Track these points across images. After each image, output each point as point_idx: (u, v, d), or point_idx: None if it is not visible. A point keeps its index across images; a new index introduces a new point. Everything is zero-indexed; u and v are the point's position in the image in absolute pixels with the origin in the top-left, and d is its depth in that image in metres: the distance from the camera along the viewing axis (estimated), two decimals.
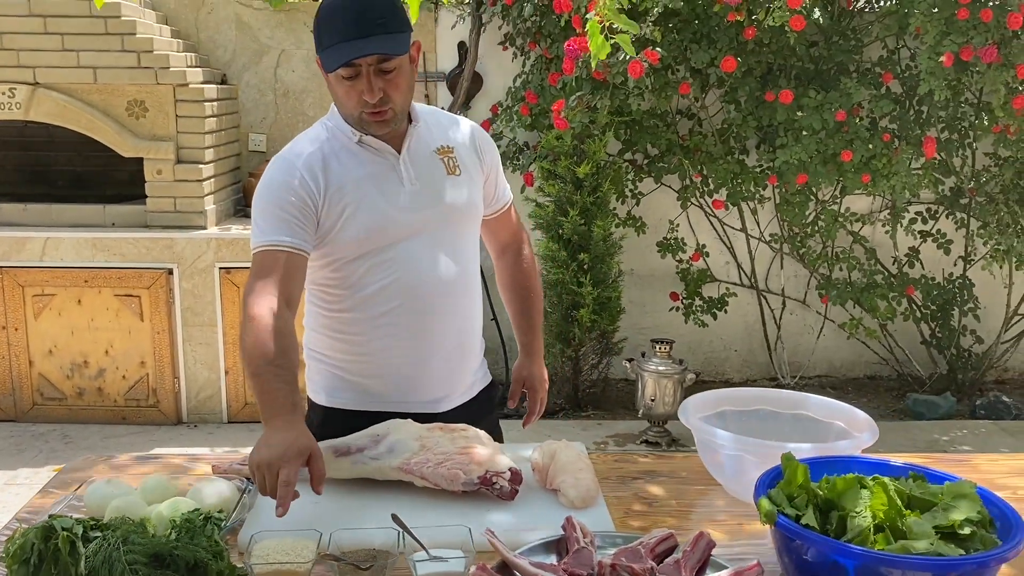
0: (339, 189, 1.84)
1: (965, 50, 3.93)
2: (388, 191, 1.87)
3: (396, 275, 1.88)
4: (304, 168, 1.84)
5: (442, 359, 1.96)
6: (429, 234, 1.90)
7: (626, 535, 1.53)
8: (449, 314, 1.95)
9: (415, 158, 1.91)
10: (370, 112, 1.80)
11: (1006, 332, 5.03)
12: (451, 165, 1.95)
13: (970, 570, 1.27)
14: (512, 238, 2.23)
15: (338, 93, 1.82)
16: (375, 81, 1.76)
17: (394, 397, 1.95)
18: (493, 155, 2.07)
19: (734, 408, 1.89)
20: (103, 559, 1.33)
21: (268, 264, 1.79)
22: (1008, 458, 1.97)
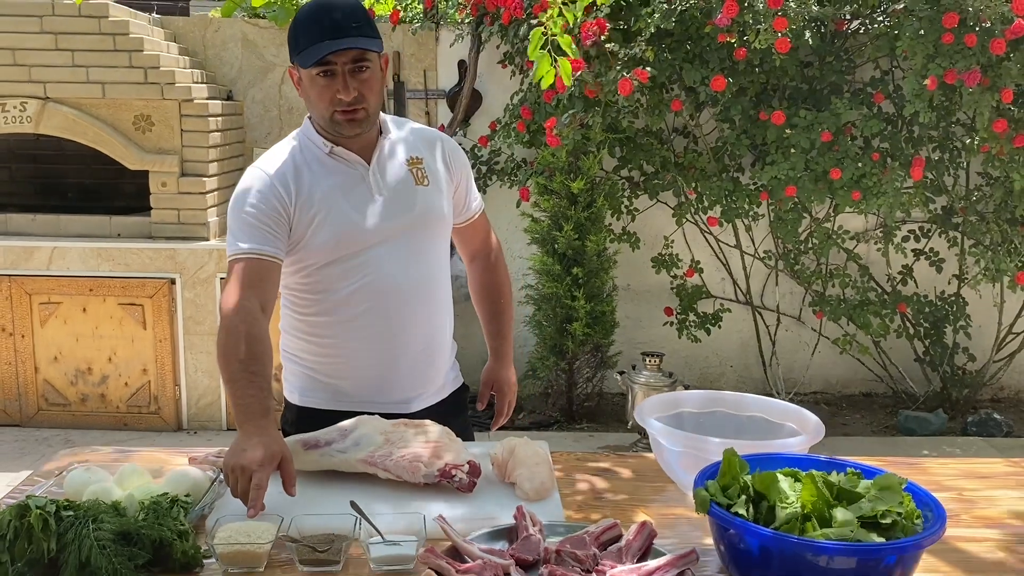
0: (309, 198, 1.93)
1: (949, 73, 4.00)
2: (357, 200, 1.96)
3: (365, 280, 1.97)
4: (277, 177, 1.94)
5: (410, 361, 2.04)
6: (397, 242, 1.98)
7: (573, 524, 1.60)
8: (417, 318, 2.02)
9: (384, 168, 2.00)
10: (343, 111, 1.88)
11: (998, 351, 5.07)
12: (419, 175, 2.03)
13: (888, 555, 1.34)
14: (482, 245, 2.29)
15: (312, 95, 1.90)
16: (350, 81, 1.86)
17: (364, 397, 2.03)
18: (462, 165, 2.14)
19: (692, 410, 1.96)
20: (73, 536, 1.42)
21: (243, 271, 1.88)
22: (959, 462, 2.03)
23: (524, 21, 4.49)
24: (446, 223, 2.10)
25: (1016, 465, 1.99)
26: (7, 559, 1.42)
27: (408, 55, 5.19)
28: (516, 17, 4.46)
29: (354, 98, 1.87)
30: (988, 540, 1.61)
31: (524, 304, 4.84)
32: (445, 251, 2.12)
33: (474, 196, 2.20)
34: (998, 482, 1.89)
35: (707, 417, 1.95)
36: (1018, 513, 1.73)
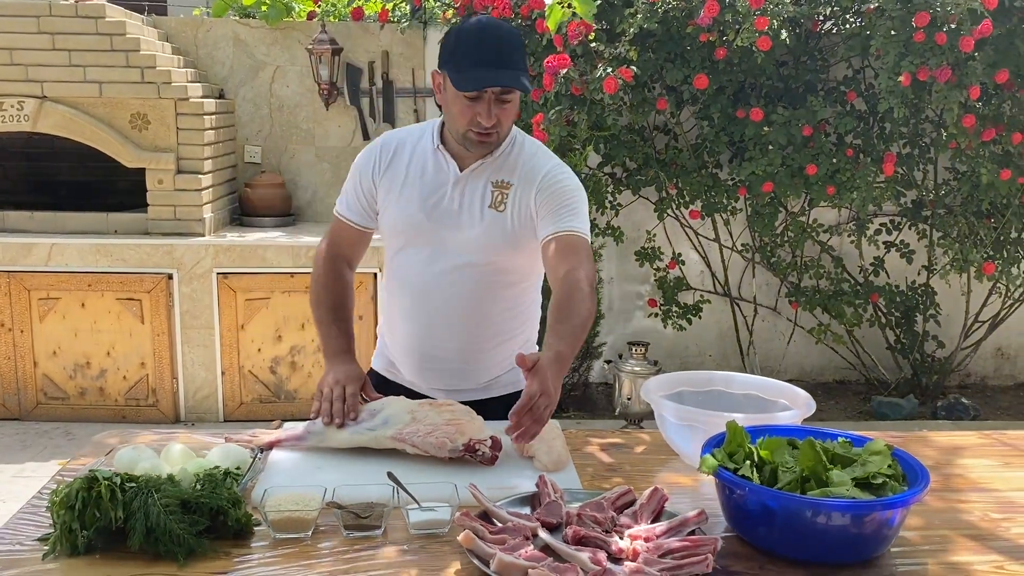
0: (394, 176, 2.12)
1: (922, 71, 4.19)
2: (430, 200, 2.09)
3: (413, 273, 2.14)
4: (381, 146, 2.17)
5: (446, 360, 2.17)
6: (452, 251, 2.10)
7: (591, 491, 1.75)
8: (455, 324, 2.14)
9: (469, 183, 2.08)
10: (478, 132, 1.98)
11: (966, 338, 5.28)
12: (498, 200, 2.07)
13: (879, 512, 1.50)
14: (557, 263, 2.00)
15: (454, 110, 1.99)
16: (494, 107, 1.95)
17: (408, 379, 2.24)
18: (553, 197, 2.04)
19: (691, 389, 2.12)
20: (140, 504, 1.54)
21: (337, 230, 2.26)
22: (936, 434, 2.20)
23: (512, 20, 4.63)
24: (511, 251, 2.10)
25: (988, 437, 2.17)
26: (77, 527, 1.54)
27: (396, 54, 5.31)
28: (505, 16, 4.59)
29: (492, 124, 1.97)
30: (966, 502, 1.78)
31: None
32: (513, 273, 2.14)
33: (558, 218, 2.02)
34: (972, 452, 2.06)
35: (705, 395, 2.11)
36: (991, 479, 1.90)
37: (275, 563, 1.50)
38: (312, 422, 2.01)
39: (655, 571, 1.43)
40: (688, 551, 1.48)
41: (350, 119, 5.37)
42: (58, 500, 1.57)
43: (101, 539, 1.54)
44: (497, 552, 1.45)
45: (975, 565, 1.52)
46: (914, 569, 1.51)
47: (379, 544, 1.56)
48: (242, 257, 4.59)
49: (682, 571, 1.44)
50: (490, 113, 1.95)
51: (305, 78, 5.29)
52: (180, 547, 1.51)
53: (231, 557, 1.52)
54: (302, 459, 1.91)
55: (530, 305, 2.25)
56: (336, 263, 2.26)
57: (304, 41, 5.24)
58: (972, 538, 1.63)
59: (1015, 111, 4.52)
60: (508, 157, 2.09)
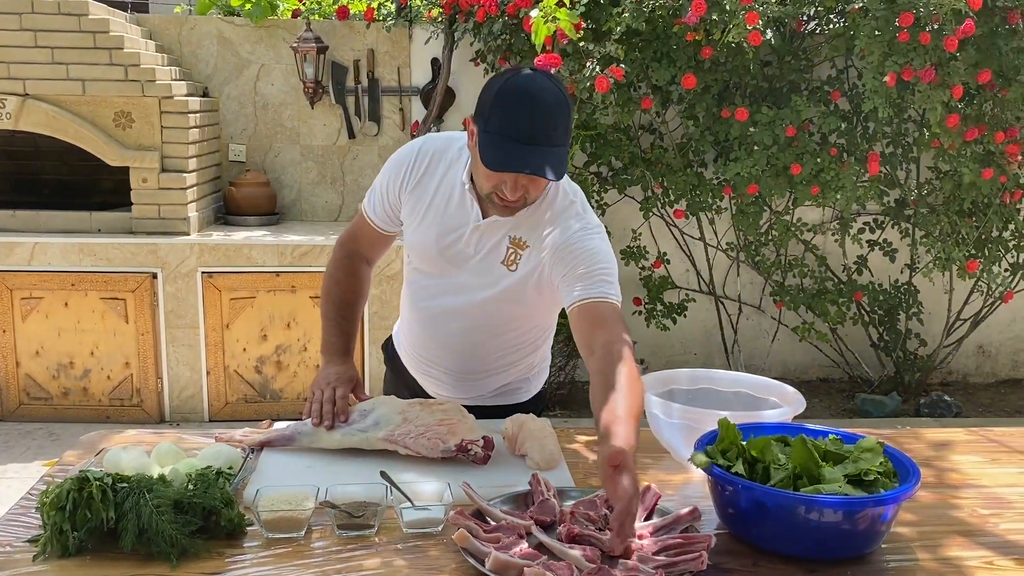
0: (420, 197, 2.03)
1: (906, 71, 4.22)
2: (445, 237, 2.02)
3: (425, 293, 2.14)
4: (416, 155, 2.04)
5: (455, 376, 2.20)
6: (460, 292, 2.07)
7: (584, 489, 1.75)
8: (464, 349, 2.15)
9: (487, 233, 1.98)
10: (501, 198, 1.85)
11: (948, 336, 5.33)
12: (511, 258, 1.97)
13: (871, 508, 1.51)
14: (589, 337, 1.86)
15: (479, 171, 1.85)
16: (521, 180, 1.81)
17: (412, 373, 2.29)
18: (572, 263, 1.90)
19: (682, 387, 2.12)
20: (131, 505, 1.54)
21: (360, 225, 2.20)
22: (924, 432, 2.22)
23: (498, 19, 4.63)
24: (518, 307, 2.05)
25: (975, 433, 2.19)
26: (68, 528, 1.53)
27: (382, 53, 5.29)
28: (491, 15, 4.59)
29: (517, 198, 1.85)
30: (955, 498, 1.80)
31: None
32: (513, 317, 2.10)
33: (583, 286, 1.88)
34: (959, 449, 2.08)
35: (696, 393, 2.12)
36: (979, 475, 1.92)
37: (268, 563, 1.49)
38: (302, 422, 2.00)
39: (649, 568, 1.43)
40: (682, 548, 1.49)
41: (335, 118, 5.35)
42: (48, 501, 1.56)
43: (92, 540, 1.53)
44: (492, 550, 1.45)
45: (965, 560, 1.54)
46: (905, 565, 1.52)
47: (373, 543, 1.56)
48: (227, 256, 4.57)
49: (676, 568, 1.44)
50: (516, 187, 1.82)
51: (290, 76, 5.27)
52: (173, 548, 1.50)
53: (224, 557, 1.51)
54: (293, 459, 1.91)
55: (537, 337, 2.19)
56: (354, 258, 2.23)
57: (289, 39, 5.22)
58: (962, 534, 1.64)
59: (997, 111, 4.56)
60: (533, 214, 1.95)
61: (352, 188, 5.42)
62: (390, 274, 4.61)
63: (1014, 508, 1.75)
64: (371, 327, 4.66)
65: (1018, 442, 2.12)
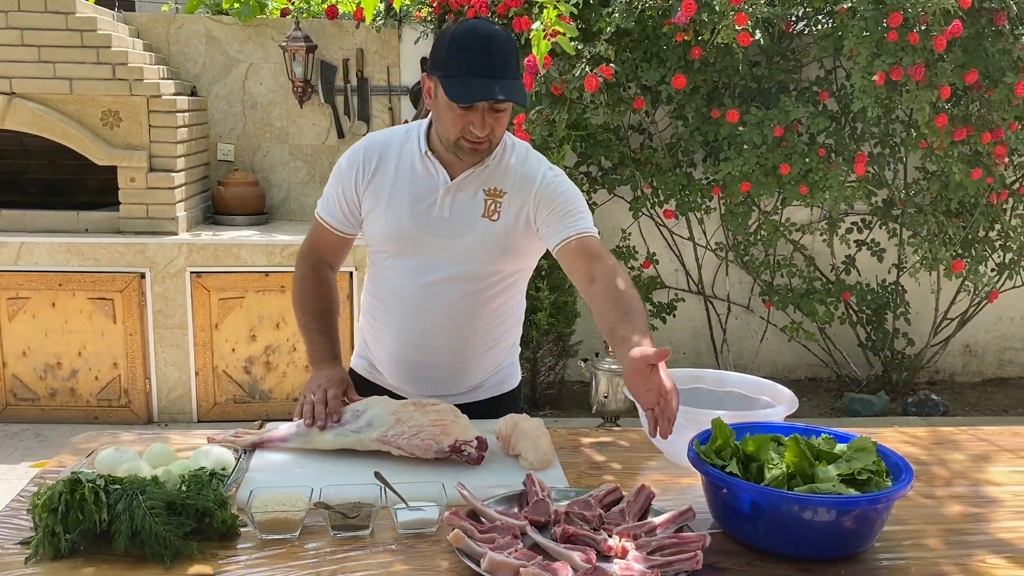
0: (380, 186, 2.06)
1: (895, 70, 4.24)
2: (420, 209, 2.03)
3: (403, 281, 2.11)
4: (363, 154, 2.08)
5: (436, 367, 2.16)
6: (443, 260, 2.06)
7: (578, 489, 1.75)
8: (448, 332, 2.12)
9: (460, 191, 2.02)
10: (470, 141, 1.92)
11: (935, 336, 5.36)
12: (491, 208, 2.03)
13: (864, 507, 1.51)
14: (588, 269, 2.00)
15: (445, 118, 1.91)
16: (488, 117, 1.89)
17: (394, 384, 2.22)
18: (552, 202, 2.02)
19: None
20: (124, 507, 1.53)
21: (317, 232, 2.20)
22: (915, 431, 2.23)
23: (489, 19, 4.63)
24: (505, 259, 2.08)
25: (964, 432, 2.20)
26: (60, 530, 1.51)
27: (371, 52, 5.28)
28: (481, 16, 4.59)
29: (486, 134, 1.91)
30: (946, 497, 1.81)
31: None
32: (503, 280, 2.12)
33: (568, 223, 2.01)
34: (950, 448, 2.09)
35: (689, 393, 2.11)
36: (969, 473, 1.93)
37: (262, 564, 1.49)
38: (295, 423, 2.00)
39: (645, 568, 1.43)
40: (677, 548, 1.49)
41: (324, 117, 5.34)
42: (40, 503, 1.55)
43: (85, 542, 1.52)
44: (487, 551, 1.45)
45: (957, 559, 1.55)
46: (898, 563, 1.53)
47: (367, 544, 1.56)
48: (216, 256, 4.55)
49: (671, 568, 1.44)
50: (484, 123, 1.89)
51: (279, 75, 5.26)
52: (166, 549, 1.49)
53: (218, 559, 1.51)
54: (286, 460, 1.90)
55: (516, 308, 2.24)
56: (318, 266, 2.23)
57: (277, 38, 5.20)
58: (953, 532, 1.65)
59: (984, 111, 4.59)
60: (500, 164, 2.04)
61: None
62: None
63: (1005, 506, 1.76)
64: None
65: (1008, 441, 2.13)
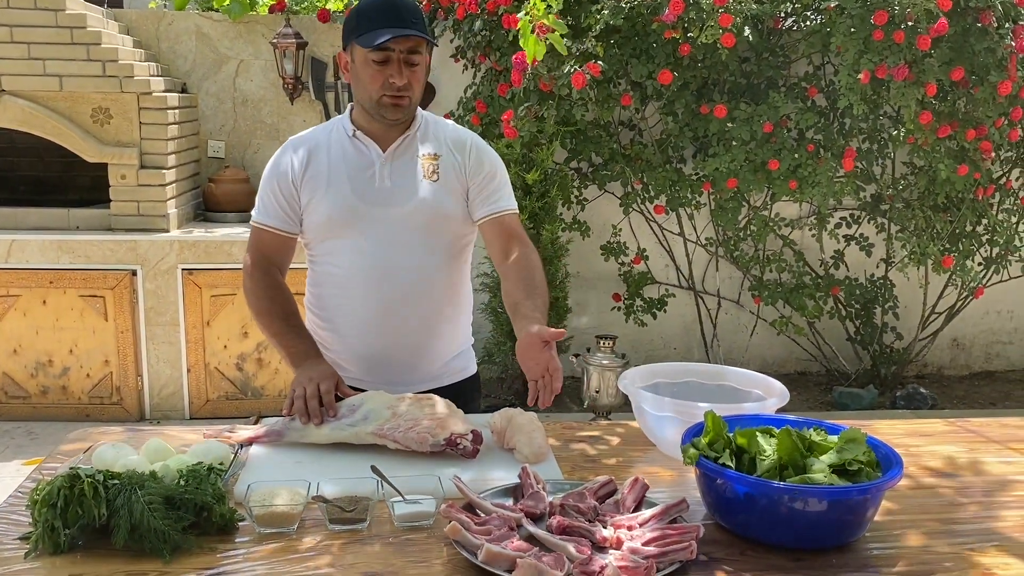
0: (316, 174, 2.11)
1: (880, 68, 4.27)
2: (360, 184, 2.11)
3: (355, 261, 2.12)
4: (292, 151, 2.15)
5: (400, 347, 2.17)
6: (392, 229, 2.11)
7: (573, 482, 1.77)
8: (407, 306, 2.14)
9: (396, 159, 2.13)
10: (391, 95, 2.03)
11: (923, 330, 5.40)
12: (430, 170, 2.13)
13: (855, 497, 1.54)
14: (506, 246, 2.18)
15: (364, 77, 2.04)
16: (404, 68, 2.01)
17: (358, 375, 2.20)
18: (484, 168, 2.17)
19: (666, 380, 2.15)
20: (123, 501, 1.54)
21: (259, 239, 2.20)
22: (903, 422, 2.26)
23: (478, 16, 4.64)
24: (450, 219, 2.16)
25: (952, 424, 2.23)
26: (60, 525, 1.52)
27: None
28: (470, 12, 4.60)
29: (404, 84, 2.02)
30: (935, 487, 1.83)
31: (480, 291, 4.99)
32: (451, 245, 2.18)
33: (497, 197, 2.18)
34: (938, 439, 2.12)
35: (681, 386, 2.14)
36: (958, 464, 1.96)
37: (261, 558, 1.50)
38: (290, 418, 2.00)
39: (640, 558, 1.45)
40: (671, 539, 1.51)
41: (315, 113, 5.34)
42: (39, 498, 1.56)
43: (84, 536, 1.54)
44: (484, 543, 1.46)
45: (946, 548, 1.57)
46: (888, 552, 1.55)
47: (364, 537, 1.57)
48: (207, 253, 4.55)
49: (666, 558, 1.46)
50: (401, 72, 2.01)
51: (269, 72, 5.25)
52: (165, 544, 1.50)
53: (216, 553, 1.52)
54: (282, 455, 1.91)
55: (465, 281, 2.29)
56: (269, 272, 2.20)
57: (268, 35, 5.20)
58: (942, 522, 1.68)
59: (969, 108, 4.62)
60: (427, 132, 2.17)
61: None
62: None
63: (993, 496, 1.79)
64: None
65: (996, 432, 2.16)
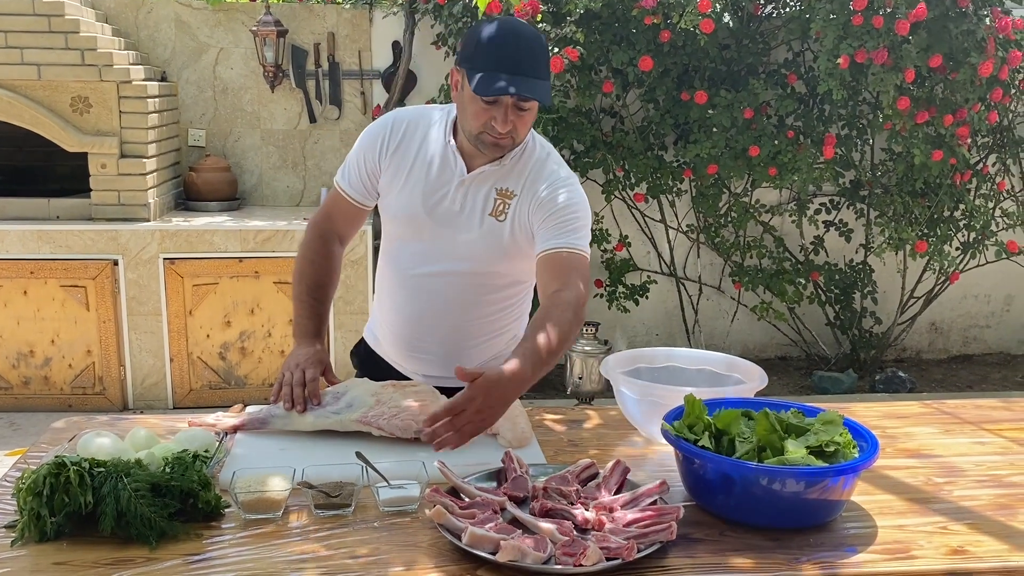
0: (401, 162, 2.07)
1: (859, 53, 4.31)
2: (430, 196, 2.05)
3: (402, 265, 2.14)
4: (392, 124, 2.10)
5: (429, 352, 2.18)
6: (444, 251, 2.08)
7: (555, 466, 1.80)
8: (438, 325, 2.14)
9: (473, 186, 2.04)
10: (492, 136, 1.93)
11: (902, 314, 5.46)
12: (499, 208, 2.03)
13: (832, 478, 1.57)
14: (549, 286, 1.98)
15: (469, 111, 1.93)
16: (511, 114, 1.90)
17: (396, 360, 2.26)
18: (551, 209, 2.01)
19: (648, 365, 2.17)
20: (109, 489, 1.55)
21: (333, 202, 2.20)
22: (880, 404, 2.30)
23: (459, 1, 4.64)
24: (507, 257, 2.08)
25: (928, 406, 2.27)
26: (46, 513, 1.53)
27: (342, 36, 5.27)
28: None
29: (507, 131, 1.92)
30: (911, 468, 1.87)
31: None
32: (501, 275, 2.13)
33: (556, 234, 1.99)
34: (914, 420, 2.16)
35: (662, 371, 2.17)
36: (933, 445, 2.00)
37: (246, 543, 1.52)
38: (275, 405, 2.02)
39: (621, 539, 1.48)
40: (652, 520, 1.54)
41: (296, 102, 5.32)
42: (25, 487, 1.57)
43: (70, 524, 1.54)
44: (468, 526, 1.49)
45: (921, 526, 1.61)
46: (864, 531, 1.58)
47: (350, 522, 1.59)
48: (189, 242, 4.54)
49: (647, 539, 1.49)
50: (506, 119, 1.90)
51: (250, 60, 5.23)
52: (152, 530, 1.51)
53: (202, 539, 1.53)
54: (267, 442, 1.93)
55: (520, 303, 2.23)
56: (327, 238, 2.22)
57: (248, 22, 5.18)
58: (917, 501, 1.71)
59: (947, 93, 4.67)
60: (517, 163, 2.05)
61: (314, 172, 5.40)
62: (354, 259, 4.61)
63: (967, 476, 1.83)
64: (335, 311, 4.66)
65: (970, 414, 2.20)
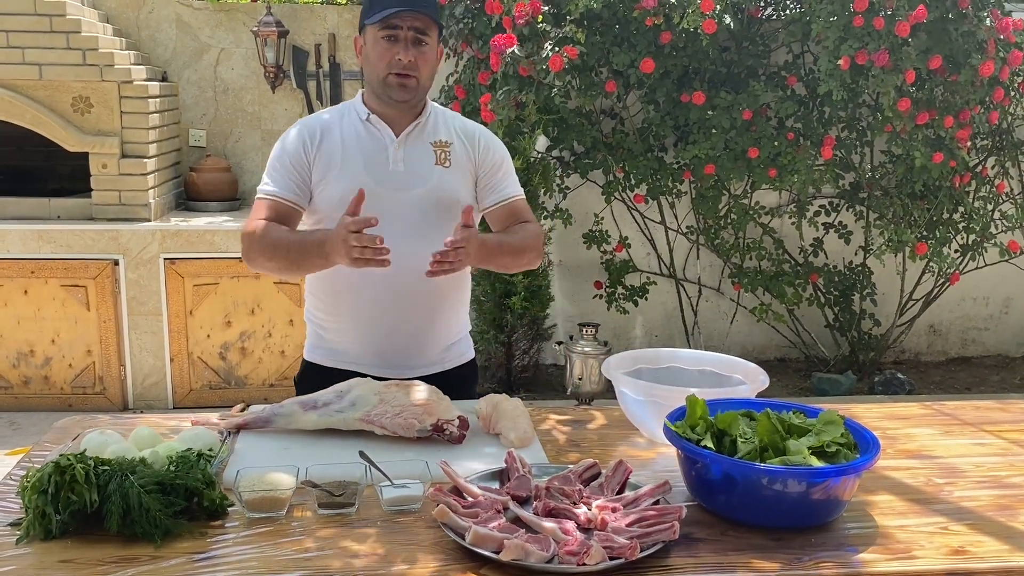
0: (330, 153, 2.14)
1: (860, 54, 4.32)
2: (373, 166, 2.14)
3: None
4: (306, 128, 2.18)
5: (406, 331, 2.19)
6: (403, 213, 2.13)
7: (558, 466, 1.80)
8: (416, 290, 2.15)
9: (409, 144, 2.18)
10: (398, 74, 2.09)
11: (901, 316, 5.47)
12: (442, 157, 2.20)
13: (833, 478, 1.57)
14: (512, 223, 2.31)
15: (372, 56, 2.11)
16: (411, 47, 2.08)
17: (361, 359, 2.21)
18: (493, 157, 2.27)
19: (649, 366, 2.18)
20: (115, 487, 1.55)
21: (261, 209, 2.17)
22: (880, 405, 2.31)
23: (460, 2, 4.65)
24: (461, 205, 2.13)
25: (928, 408, 2.28)
26: (51, 511, 1.54)
27: (343, 36, 5.28)
28: None
29: (409, 63, 2.08)
30: (911, 469, 1.88)
31: None
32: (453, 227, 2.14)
33: (505, 185, 2.28)
34: (914, 422, 2.17)
35: (663, 372, 2.17)
36: (933, 446, 2.01)
37: (250, 542, 1.52)
38: (279, 405, 2.02)
39: (624, 539, 1.49)
40: (654, 520, 1.55)
41: (297, 102, 5.33)
42: (30, 485, 1.57)
43: (75, 522, 1.55)
44: (472, 525, 1.49)
45: (921, 527, 1.61)
46: (865, 531, 1.59)
47: (353, 521, 1.60)
48: (189, 242, 4.55)
49: (649, 538, 1.50)
50: (408, 49, 2.07)
51: (250, 61, 5.24)
52: (157, 528, 1.52)
53: (207, 537, 1.54)
54: (270, 441, 1.93)
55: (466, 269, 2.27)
56: None
57: (249, 23, 5.19)
58: (918, 502, 1.72)
59: (947, 95, 4.68)
60: (438, 120, 2.24)
61: None
62: None
63: (967, 477, 1.84)
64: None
65: (970, 415, 2.21)
